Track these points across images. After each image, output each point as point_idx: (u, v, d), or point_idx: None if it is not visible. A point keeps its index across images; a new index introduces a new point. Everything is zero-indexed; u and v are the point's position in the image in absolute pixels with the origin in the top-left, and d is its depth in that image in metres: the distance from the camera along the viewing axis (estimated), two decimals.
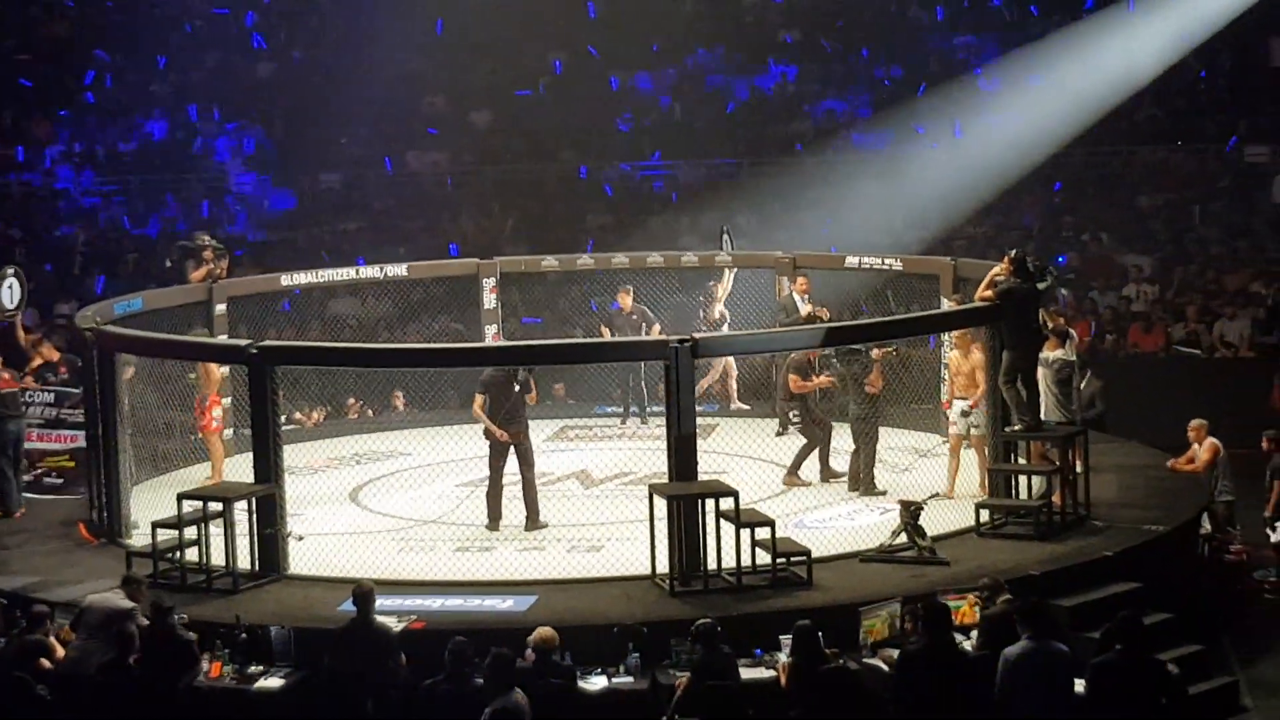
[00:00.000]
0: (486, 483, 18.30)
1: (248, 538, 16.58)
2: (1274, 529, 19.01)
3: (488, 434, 18.21)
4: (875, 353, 19.03)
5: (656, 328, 22.66)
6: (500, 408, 18.08)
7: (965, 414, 18.74)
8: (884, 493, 18.88)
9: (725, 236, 24.11)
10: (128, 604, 14.87)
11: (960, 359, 18.92)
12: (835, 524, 17.95)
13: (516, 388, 18.11)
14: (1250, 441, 19.84)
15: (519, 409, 18.19)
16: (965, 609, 15.12)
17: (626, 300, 23.20)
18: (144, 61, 34.39)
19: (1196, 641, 15.76)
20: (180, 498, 16.81)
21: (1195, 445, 19.57)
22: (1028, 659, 12.85)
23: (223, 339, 20.95)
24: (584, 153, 32.70)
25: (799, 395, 19.62)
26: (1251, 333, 26.62)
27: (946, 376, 19.97)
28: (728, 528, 15.93)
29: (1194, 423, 19.74)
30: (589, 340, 22.78)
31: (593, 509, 18.80)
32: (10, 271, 20.91)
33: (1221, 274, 28.29)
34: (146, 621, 14.55)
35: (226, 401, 20.94)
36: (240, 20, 35.24)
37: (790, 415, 20.57)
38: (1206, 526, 18.81)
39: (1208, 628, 16.63)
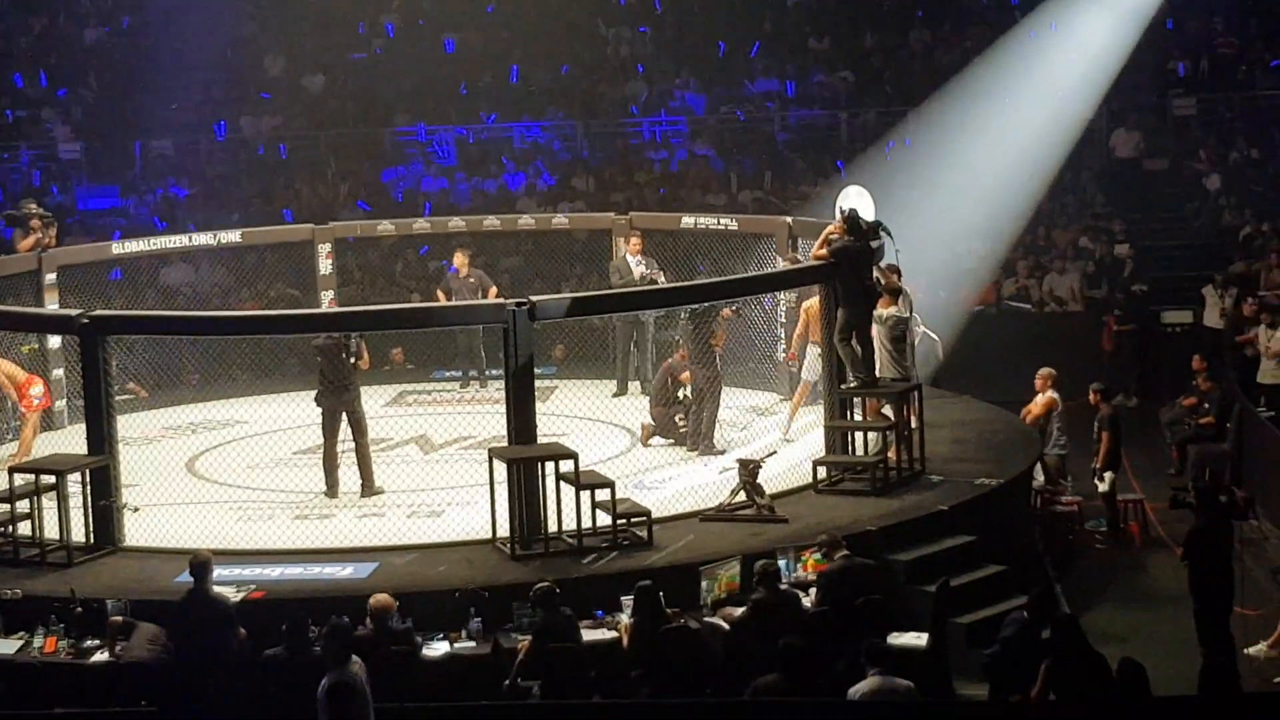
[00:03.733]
0: (322, 450, 18.23)
1: (82, 510, 16.40)
2: (1102, 479, 19.37)
3: (319, 400, 18.12)
4: (724, 312, 19.13)
5: (493, 290, 22.62)
6: (332, 374, 18.01)
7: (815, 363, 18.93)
8: (723, 452, 19.00)
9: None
10: None
11: (819, 305, 18.94)
12: (674, 484, 18.04)
13: (347, 355, 18.02)
14: (1081, 393, 20.19)
15: (350, 376, 18.10)
16: (808, 563, 15.31)
17: (463, 261, 23.11)
18: None
19: (1032, 592, 16.01)
20: (11, 471, 16.60)
21: (1040, 394, 19.86)
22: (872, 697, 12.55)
23: (53, 309, 20.66)
24: (419, 115, 32.50)
25: (703, 356, 19.44)
26: (1081, 287, 27.03)
27: (783, 331, 20.16)
28: (568, 490, 15.97)
29: (1041, 371, 20.02)
30: (425, 305, 22.67)
31: (432, 474, 18.78)
32: None
33: (1051, 230, 28.66)
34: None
35: (58, 374, 20.68)
36: None
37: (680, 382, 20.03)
38: (1039, 479, 19.13)
39: (1041, 579, 16.92)
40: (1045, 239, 28.41)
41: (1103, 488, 19.41)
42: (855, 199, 20.03)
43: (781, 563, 15.12)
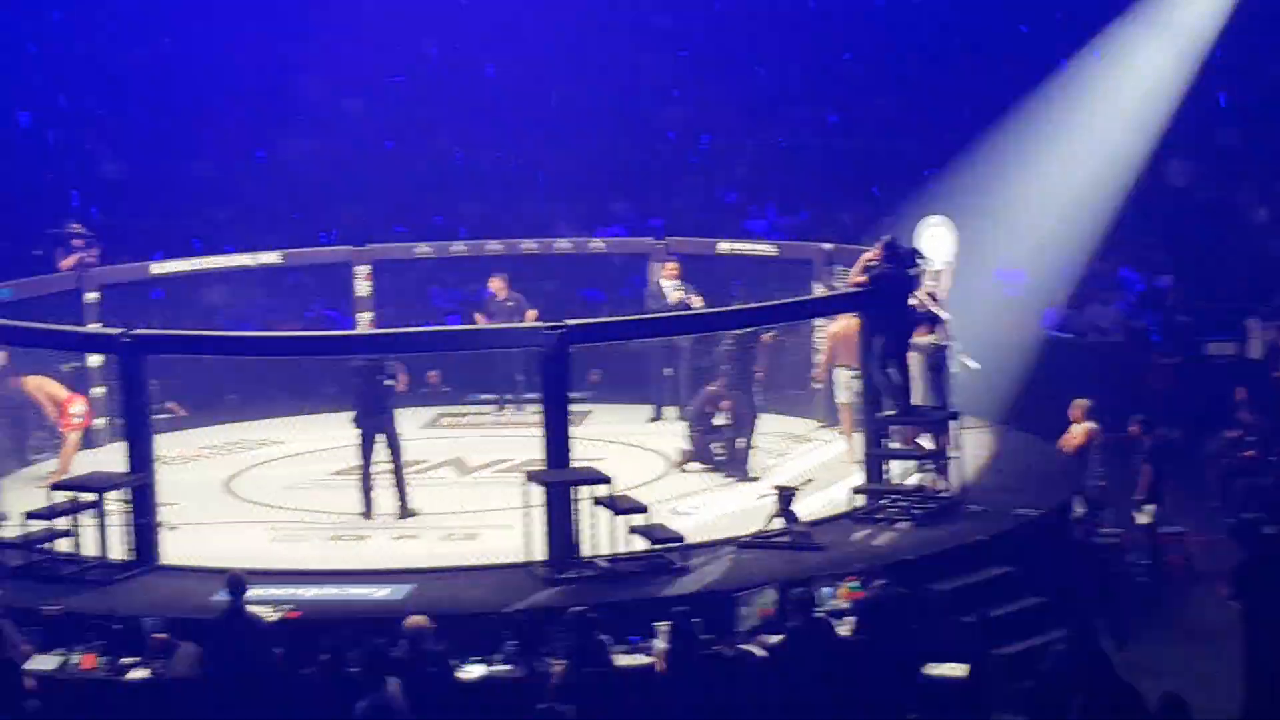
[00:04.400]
0: (359, 471, 18.24)
1: (121, 528, 16.42)
2: (1143, 512, 19.23)
3: (356, 421, 18.13)
4: (764, 337, 19.12)
5: (532, 314, 22.62)
6: (369, 396, 18.02)
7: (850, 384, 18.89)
8: (758, 478, 18.95)
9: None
10: None
11: (848, 326, 18.92)
12: (710, 510, 18.00)
13: (384, 377, 18.04)
14: (1122, 424, 20.06)
15: (387, 398, 18.11)
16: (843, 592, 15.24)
17: (500, 286, 23.12)
18: (11, 50, 33.87)
19: (1070, 626, 15.90)
20: (53, 488, 16.66)
21: (1075, 424, 19.76)
22: None
23: (94, 327, 20.73)
24: (457, 138, 32.53)
25: (742, 382, 19.43)
26: (1123, 317, 26.89)
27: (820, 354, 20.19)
28: (603, 514, 15.93)
29: (1076, 402, 19.92)
30: (463, 328, 22.70)
31: (468, 497, 18.76)
32: None
33: (1094, 259, 28.49)
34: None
35: (98, 392, 20.75)
36: (110, 7, 34.75)
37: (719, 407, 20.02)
38: (1079, 510, 19.02)
39: (1080, 611, 16.80)
40: (1087, 268, 28.22)
41: (1144, 520, 19.27)
42: (937, 229, 20.08)
43: (819, 591, 15.06)
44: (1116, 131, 28.60)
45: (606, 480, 16.05)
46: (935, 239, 20.20)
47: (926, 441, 17.92)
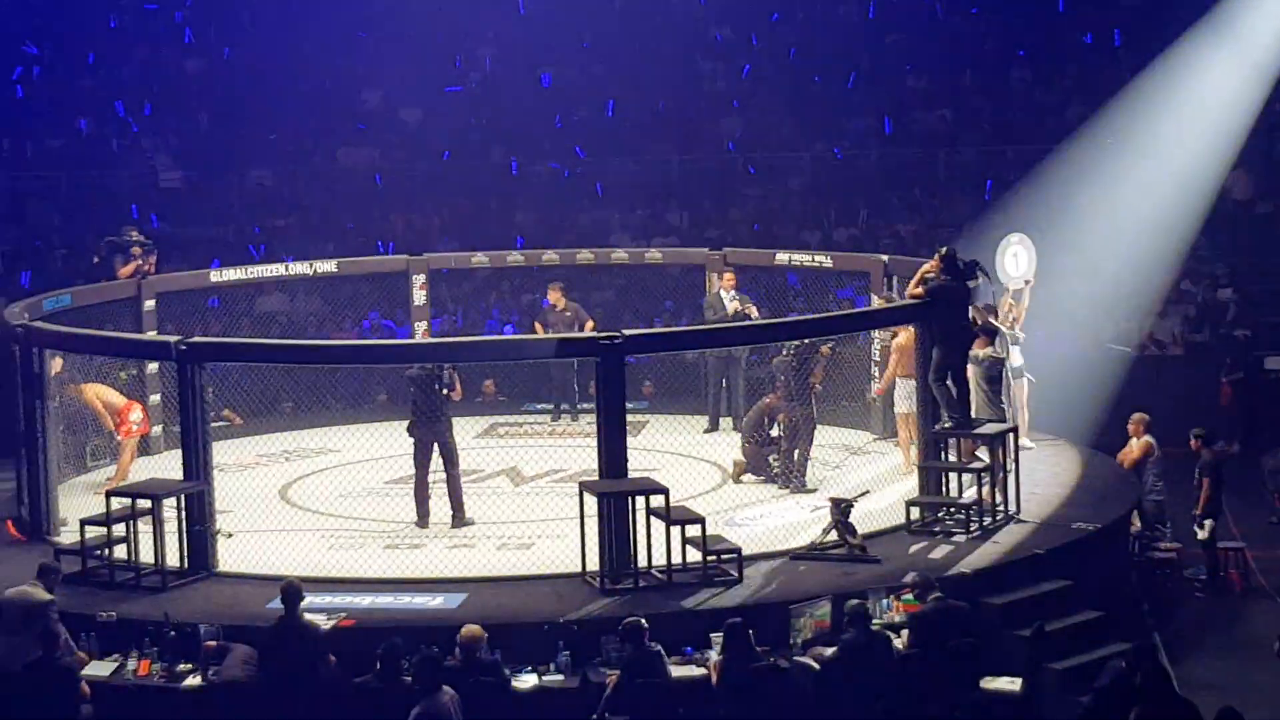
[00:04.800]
0: (413, 480, 18.26)
1: (176, 535, 16.48)
2: (1201, 526, 19.10)
3: (411, 430, 18.16)
4: (823, 349, 19.06)
5: (590, 324, 22.62)
6: (425, 404, 18.05)
7: (909, 396, 18.81)
8: (815, 490, 18.89)
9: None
10: (45, 596, 14.75)
11: (907, 338, 18.87)
12: (766, 521, 17.94)
13: (440, 386, 18.05)
14: (1181, 439, 19.92)
15: (443, 406, 18.13)
16: (900, 605, 15.18)
17: (557, 296, 23.13)
18: (72, 58, 34.10)
19: (1127, 640, 15.82)
20: (109, 495, 16.73)
21: (1134, 438, 19.64)
22: None
23: (151, 335, 20.81)
24: (513, 149, 32.59)
25: (801, 394, 19.26)
26: (1182, 330, 26.75)
27: (875, 369, 20.07)
28: (658, 525, 15.90)
29: (1134, 416, 19.79)
30: (518, 337, 22.71)
31: (523, 506, 18.75)
32: None
33: (1154, 272, 28.33)
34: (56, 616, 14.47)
35: (155, 399, 20.83)
36: (169, 16, 34.96)
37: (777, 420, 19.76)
38: (1137, 524, 18.90)
39: (1138, 626, 16.70)
40: (1148, 281, 28.06)
41: (1202, 535, 19.11)
42: (1018, 246, 19.99)
43: (874, 603, 15.00)
44: (1187, 147, 28.39)
45: (662, 491, 16.02)
46: (1015, 257, 20.13)
47: (984, 454, 17.82)
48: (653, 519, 15.97)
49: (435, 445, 18.10)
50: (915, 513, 17.47)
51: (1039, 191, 28.16)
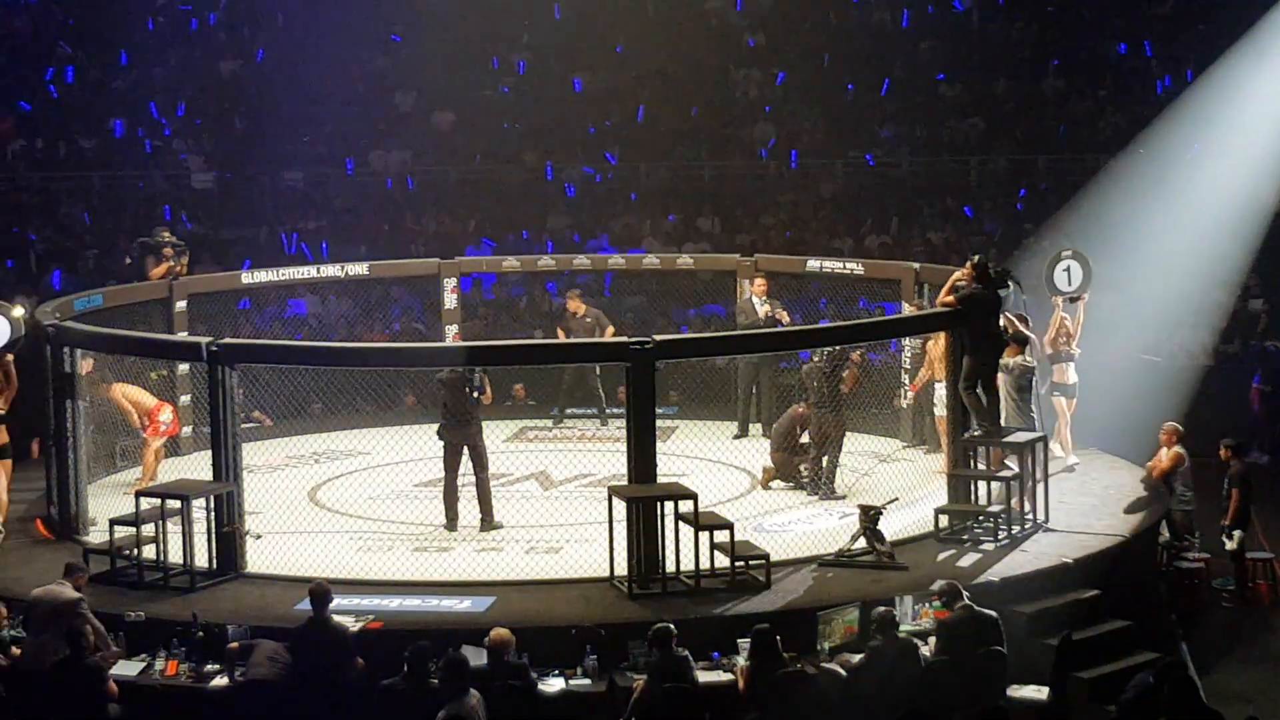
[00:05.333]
0: (442, 483, 18.28)
1: (205, 536, 16.53)
2: (1230, 537, 19.04)
3: (440, 433, 18.18)
4: (854, 356, 19.06)
5: (610, 329, 22.64)
6: (455, 407, 18.07)
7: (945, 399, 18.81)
8: (843, 497, 18.88)
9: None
10: (73, 594, 14.81)
11: (943, 344, 18.82)
12: (794, 528, 17.93)
13: (470, 389, 18.07)
14: (1210, 449, 19.88)
15: (473, 410, 18.15)
16: (928, 612, 15.17)
17: (576, 305, 23.16)
18: (106, 58, 34.21)
19: (1155, 649, 15.79)
20: (138, 495, 16.77)
21: (1164, 448, 19.58)
22: None
23: (182, 336, 20.86)
24: (546, 153, 32.62)
25: (832, 401, 19.25)
26: (1212, 341, 26.67)
27: (907, 376, 20.03)
28: (686, 530, 15.90)
29: (1165, 426, 19.73)
30: (549, 341, 22.75)
31: (551, 510, 18.76)
32: None
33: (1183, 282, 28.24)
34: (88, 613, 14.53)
35: (185, 400, 20.88)
36: (203, 17, 35.07)
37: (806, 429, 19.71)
38: (1165, 534, 18.85)
39: (1166, 636, 16.66)
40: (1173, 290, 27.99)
41: (1231, 545, 19.06)
42: (1070, 260, 19.93)
43: (901, 610, 14.98)
44: (1234, 161, 28.23)
45: (691, 496, 16.02)
46: (1067, 271, 20.07)
47: (1013, 462, 17.80)
48: (681, 524, 15.97)
49: (465, 448, 18.13)
50: (944, 520, 17.45)
51: (1075, 202, 28.09)
